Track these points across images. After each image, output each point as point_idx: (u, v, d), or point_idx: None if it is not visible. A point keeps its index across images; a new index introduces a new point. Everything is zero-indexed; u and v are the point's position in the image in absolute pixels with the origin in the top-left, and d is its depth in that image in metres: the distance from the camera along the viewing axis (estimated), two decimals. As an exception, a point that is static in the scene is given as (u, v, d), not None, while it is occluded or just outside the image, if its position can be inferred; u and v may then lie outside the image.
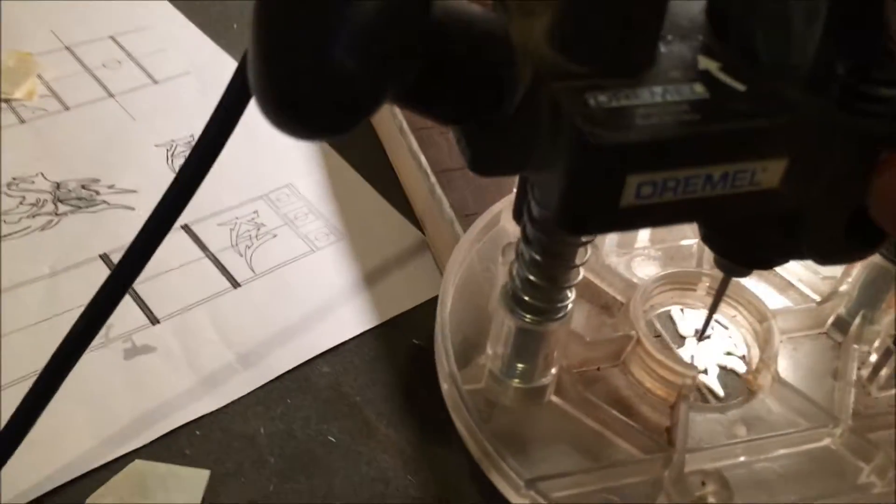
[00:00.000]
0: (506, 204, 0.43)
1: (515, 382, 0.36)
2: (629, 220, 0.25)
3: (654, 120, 0.23)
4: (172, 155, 0.55)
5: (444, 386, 0.37)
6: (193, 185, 0.31)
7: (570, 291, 0.33)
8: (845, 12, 0.23)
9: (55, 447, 0.38)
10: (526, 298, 0.33)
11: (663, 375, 0.37)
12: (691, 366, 0.36)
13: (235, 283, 0.47)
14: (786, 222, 0.28)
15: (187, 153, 0.52)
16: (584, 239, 0.32)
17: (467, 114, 0.25)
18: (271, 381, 0.42)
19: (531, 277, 0.32)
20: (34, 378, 0.33)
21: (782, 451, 0.36)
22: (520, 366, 0.35)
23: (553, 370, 0.36)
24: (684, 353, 0.40)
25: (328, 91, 0.20)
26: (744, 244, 0.31)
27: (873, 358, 0.39)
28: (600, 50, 0.24)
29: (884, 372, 0.38)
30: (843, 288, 0.41)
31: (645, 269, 0.43)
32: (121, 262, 0.32)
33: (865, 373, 0.39)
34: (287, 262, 0.48)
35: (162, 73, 0.62)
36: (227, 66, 0.63)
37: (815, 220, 0.27)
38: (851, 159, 0.25)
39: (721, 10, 0.27)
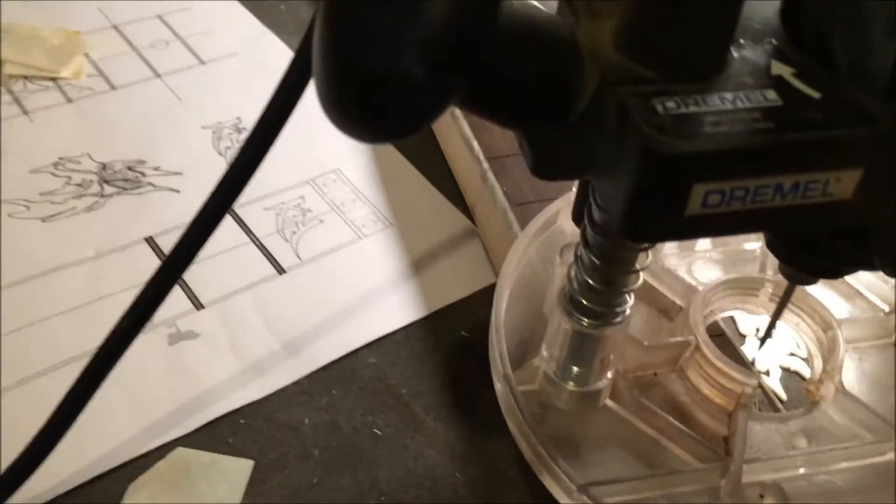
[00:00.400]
0: (565, 203, 0.42)
1: (570, 386, 0.35)
2: (694, 229, 0.24)
3: (723, 128, 0.23)
4: (218, 137, 0.55)
5: (498, 386, 0.36)
6: (248, 173, 0.30)
7: (629, 296, 0.33)
8: (929, 19, 0.22)
9: (99, 434, 0.38)
10: (583, 302, 0.32)
11: (722, 382, 0.36)
12: (751, 373, 0.35)
13: (281, 270, 0.46)
14: (857, 233, 0.27)
15: (233, 135, 0.54)
16: (645, 244, 0.31)
17: (531, 117, 0.24)
18: (316, 370, 0.42)
19: (590, 281, 0.32)
20: (79, 360, 0.33)
21: (844, 465, 0.35)
22: (575, 369, 0.35)
23: (609, 374, 0.35)
24: (745, 354, 0.40)
25: (396, 99, 0.20)
26: (811, 253, 0.30)
27: (942, 371, 0.38)
28: (669, 54, 0.23)
29: (953, 386, 0.37)
30: (913, 298, 0.40)
31: (706, 273, 0.42)
32: (173, 250, 0.31)
33: (934, 386, 0.38)
34: (333, 249, 0.48)
35: (209, 54, 0.61)
36: (274, 48, 0.62)
37: (888, 232, 0.26)
38: (929, 171, 0.24)
39: (797, 13, 0.26)
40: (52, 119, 0.55)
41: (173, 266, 0.31)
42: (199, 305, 0.44)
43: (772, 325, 0.37)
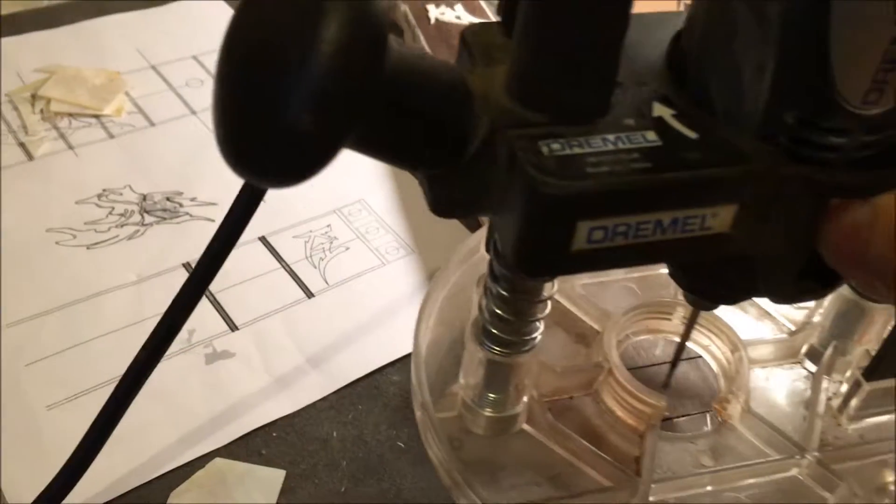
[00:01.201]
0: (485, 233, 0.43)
1: (487, 412, 0.36)
2: (582, 263, 0.25)
3: (604, 168, 0.24)
4: None
5: (418, 413, 0.37)
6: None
7: (539, 324, 0.34)
8: (791, 65, 0.24)
9: (141, 446, 0.41)
10: (494, 331, 0.34)
11: (633, 405, 0.38)
12: (660, 395, 0.37)
13: (310, 294, 0.49)
14: (743, 263, 0.28)
15: None
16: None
17: (425, 160, 0.25)
18: (343, 387, 0.44)
19: (498, 311, 0.33)
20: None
21: (750, 481, 0.37)
22: (491, 395, 0.36)
23: (524, 399, 0.37)
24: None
25: (283, 150, 0.21)
26: (706, 281, 0.31)
27: (844, 389, 0.39)
28: (555, 99, 0.25)
29: (853, 403, 0.39)
30: (816, 319, 0.41)
31: (623, 299, 0.43)
32: (195, 268, 0.34)
33: (837, 403, 0.39)
34: (359, 273, 0.51)
35: None
36: None
37: (769, 263, 0.28)
38: (802, 206, 0.26)
39: (680, 58, 0.28)
40: (96, 153, 0.58)
41: (196, 281, 0.35)
42: (233, 327, 0.47)
43: (680, 348, 0.39)
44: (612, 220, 0.24)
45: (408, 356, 0.45)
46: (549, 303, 0.33)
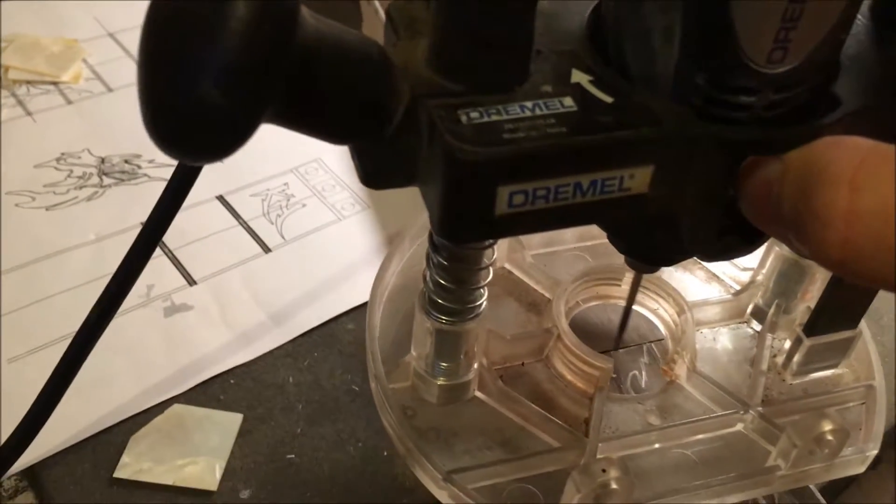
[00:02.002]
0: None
1: (440, 381, 0.37)
2: (506, 228, 0.26)
3: (520, 133, 0.25)
4: None
5: (373, 385, 0.38)
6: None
7: (482, 291, 0.35)
8: (696, 28, 0.25)
9: (102, 395, 0.43)
10: (439, 301, 0.34)
11: (582, 368, 0.39)
12: (606, 358, 0.38)
13: (267, 249, 0.51)
14: (666, 223, 0.29)
15: None
16: (487, 243, 0.33)
17: (349, 133, 0.26)
18: (299, 336, 0.47)
19: (441, 281, 0.34)
20: None
21: (696, 437, 0.38)
22: (442, 364, 0.37)
23: (475, 366, 0.38)
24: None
25: (198, 124, 0.21)
26: (641, 244, 0.32)
27: (787, 345, 0.40)
28: (472, 69, 0.26)
29: (796, 359, 0.40)
30: (760, 279, 0.42)
31: (574, 267, 0.44)
32: (144, 227, 0.37)
33: (781, 360, 0.41)
34: (315, 229, 0.53)
35: None
36: None
37: (691, 221, 0.29)
38: (717, 164, 0.27)
39: (599, 24, 0.28)
40: (54, 119, 0.60)
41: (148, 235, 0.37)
42: (191, 281, 0.49)
43: (627, 312, 0.40)
44: (531, 185, 0.25)
45: (363, 305, 0.48)
46: (491, 270, 0.34)
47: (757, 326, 0.43)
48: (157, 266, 0.50)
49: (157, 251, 0.51)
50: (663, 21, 0.25)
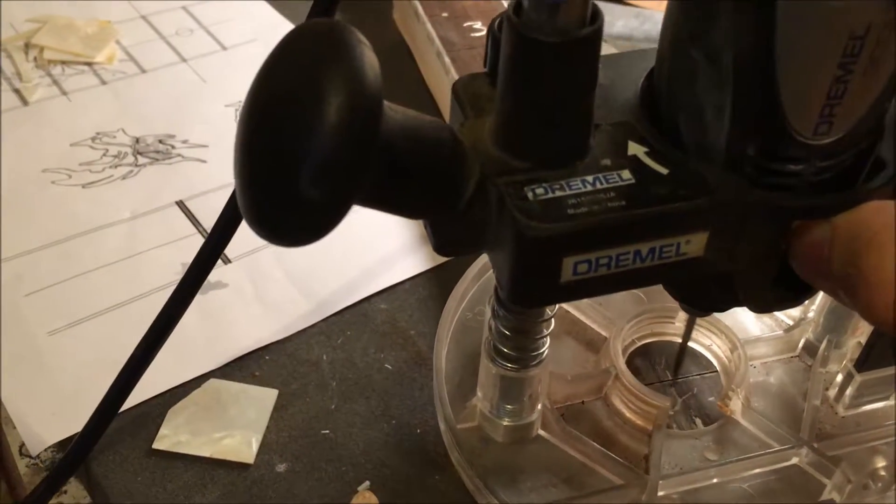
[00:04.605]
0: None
1: (505, 421, 0.39)
2: (570, 293, 0.28)
3: (583, 208, 0.27)
4: (240, 114, 0.61)
5: (442, 425, 0.40)
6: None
7: (545, 340, 0.37)
8: (746, 106, 0.27)
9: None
10: (504, 349, 0.36)
11: (641, 406, 0.40)
12: (664, 397, 0.40)
13: None
14: (720, 279, 0.31)
15: None
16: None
17: (425, 211, 0.28)
18: (333, 315, 0.48)
19: (506, 331, 0.36)
20: (118, 308, 0.45)
21: (752, 472, 0.39)
22: (507, 406, 0.39)
23: (538, 407, 0.40)
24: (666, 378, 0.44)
25: (296, 218, 0.24)
26: (695, 295, 0.34)
27: (839, 379, 0.42)
28: (536, 147, 0.28)
29: (848, 393, 0.41)
30: (811, 315, 0.44)
31: (630, 305, 0.46)
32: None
33: (833, 393, 0.42)
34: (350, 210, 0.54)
35: (230, 41, 0.69)
36: None
37: (744, 278, 0.30)
38: (768, 227, 0.28)
39: (652, 96, 0.30)
40: (89, 99, 0.62)
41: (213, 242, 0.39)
42: (227, 260, 0.51)
43: (682, 349, 0.42)
44: (594, 254, 0.27)
45: (395, 286, 0.49)
46: (553, 320, 0.36)
47: (807, 360, 0.44)
48: (192, 244, 0.51)
49: (192, 229, 0.52)
50: (715, 99, 0.27)
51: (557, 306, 0.36)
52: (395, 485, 0.40)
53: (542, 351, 0.37)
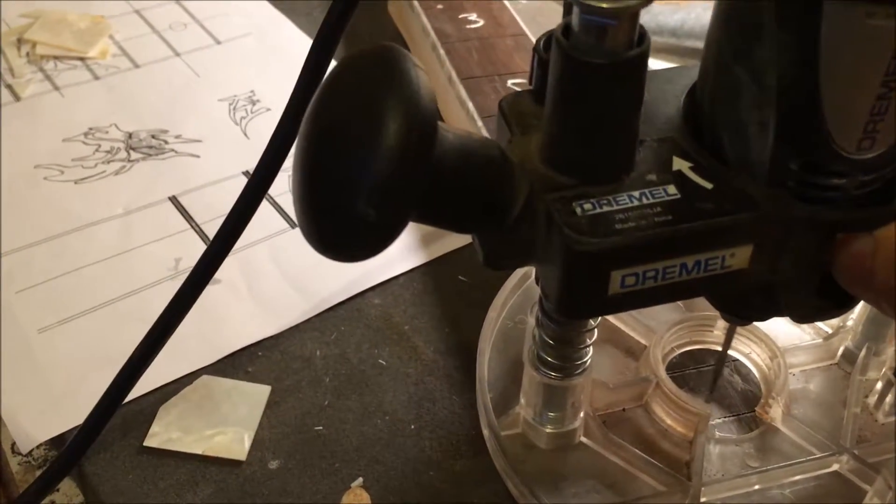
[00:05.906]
0: (535, 260, 0.47)
1: (548, 428, 0.40)
2: (619, 305, 0.29)
3: (630, 223, 0.28)
4: (234, 108, 0.61)
5: (486, 432, 0.41)
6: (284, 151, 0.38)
7: (588, 349, 0.37)
8: (790, 123, 0.27)
9: None
10: (548, 358, 0.37)
11: (682, 414, 0.41)
12: (704, 404, 0.40)
13: (293, 224, 0.52)
14: (763, 290, 0.32)
15: (247, 107, 0.62)
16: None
17: (475, 226, 0.29)
18: (326, 310, 0.48)
19: (551, 341, 0.36)
20: (112, 303, 0.44)
21: (793, 479, 0.40)
22: (551, 414, 0.40)
23: (581, 414, 0.40)
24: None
25: (355, 236, 0.25)
26: (737, 305, 0.35)
27: (879, 387, 0.42)
28: (583, 164, 0.29)
29: (888, 399, 0.41)
30: (850, 323, 0.44)
31: (669, 313, 0.46)
32: (223, 226, 0.40)
33: (873, 400, 0.42)
34: None
35: (224, 35, 0.68)
36: (285, 28, 0.69)
37: (787, 289, 0.31)
38: (811, 240, 0.29)
39: (695, 111, 0.31)
40: (81, 94, 0.62)
41: (225, 235, 0.40)
42: None
43: (722, 358, 0.42)
44: (641, 268, 0.28)
45: (388, 282, 0.49)
46: (597, 330, 0.37)
47: (846, 368, 0.44)
48: (185, 239, 0.50)
49: (185, 225, 0.52)
50: (759, 116, 0.28)
51: (600, 318, 0.37)
52: (389, 481, 0.40)
53: (585, 360, 0.38)
